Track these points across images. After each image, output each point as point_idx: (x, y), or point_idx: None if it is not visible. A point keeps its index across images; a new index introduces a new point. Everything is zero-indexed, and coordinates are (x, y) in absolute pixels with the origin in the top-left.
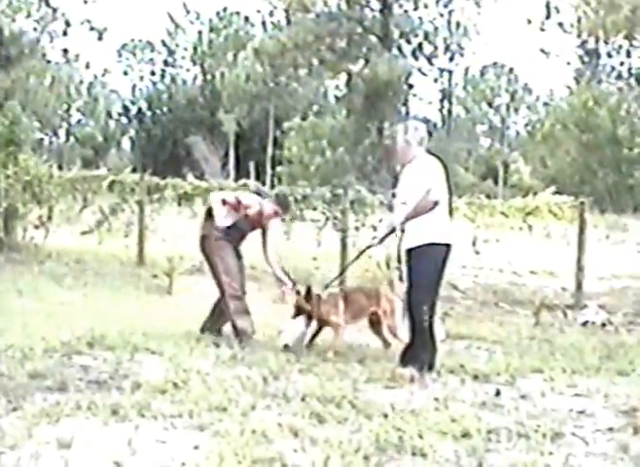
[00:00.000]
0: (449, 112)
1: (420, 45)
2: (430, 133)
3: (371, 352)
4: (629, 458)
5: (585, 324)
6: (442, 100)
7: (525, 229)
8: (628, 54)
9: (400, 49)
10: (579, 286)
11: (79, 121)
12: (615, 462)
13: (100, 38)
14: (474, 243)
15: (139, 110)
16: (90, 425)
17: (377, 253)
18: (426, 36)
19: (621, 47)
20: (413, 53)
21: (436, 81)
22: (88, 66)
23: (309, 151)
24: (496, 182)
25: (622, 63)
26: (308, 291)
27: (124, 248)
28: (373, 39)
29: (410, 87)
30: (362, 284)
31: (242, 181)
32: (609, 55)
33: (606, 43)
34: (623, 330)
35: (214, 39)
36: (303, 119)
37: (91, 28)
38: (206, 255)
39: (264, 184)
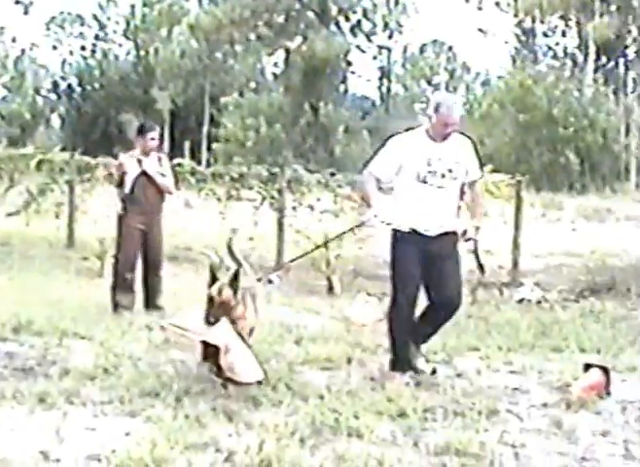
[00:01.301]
0: (388, 90)
1: (359, 22)
2: (368, 111)
3: (306, 333)
4: (562, 433)
5: (520, 301)
6: (380, 78)
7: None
8: (564, 34)
9: (338, 25)
10: (515, 264)
11: (4, 97)
12: (548, 437)
13: (26, 12)
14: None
15: (69, 86)
16: (16, 414)
17: (315, 233)
18: (365, 13)
19: (556, 27)
20: (352, 31)
21: (374, 58)
22: (14, 40)
23: (246, 128)
24: None
25: (557, 43)
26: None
27: (54, 230)
28: (312, 15)
29: (349, 64)
30: (300, 266)
31: (177, 160)
32: (545, 35)
33: (542, 22)
34: (558, 307)
35: (147, 13)
36: (240, 96)
37: (17, 1)
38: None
39: (199, 163)
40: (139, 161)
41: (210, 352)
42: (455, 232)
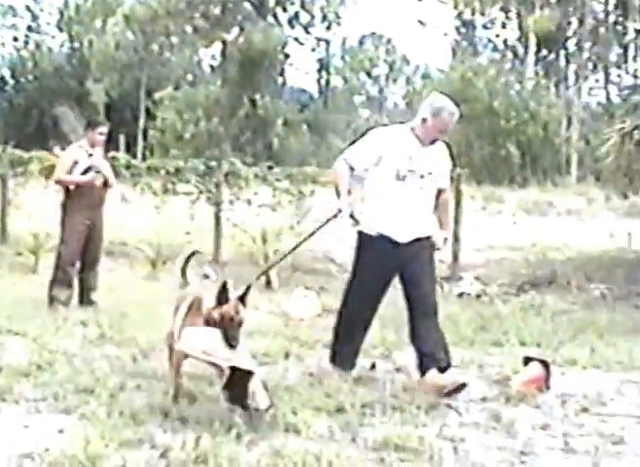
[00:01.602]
0: (327, 82)
1: (297, 13)
2: (307, 104)
3: (244, 328)
4: (502, 427)
5: (460, 295)
6: (319, 70)
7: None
8: (504, 27)
9: (276, 17)
10: (455, 258)
11: None
12: (487, 431)
13: None
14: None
15: (1, 78)
16: None
17: (253, 227)
18: (302, 4)
19: (496, 19)
20: (290, 22)
21: (313, 50)
22: None
23: (183, 122)
24: None
25: (497, 36)
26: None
27: None
28: (249, 7)
29: (287, 56)
30: (238, 260)
31: (112, 153)
32: (485, 27)
33: (482, 14)
34: (499, 301)
35: (81, 4)
36: (177, 89)
37: None
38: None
39: (134, 156)
40: (90, 155)
41: (235, 378)
42: (429, 237)
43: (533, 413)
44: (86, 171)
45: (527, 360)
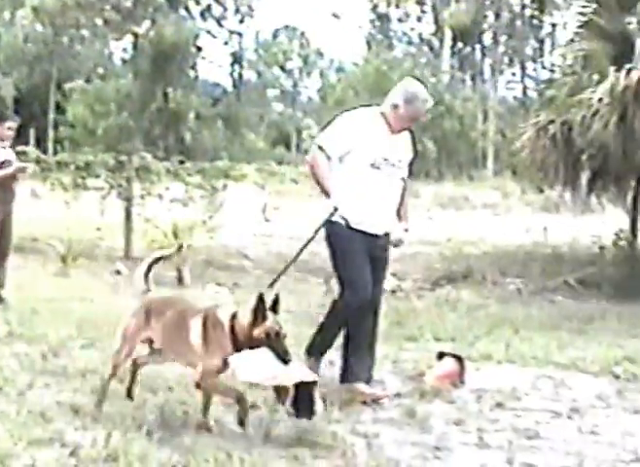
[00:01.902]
0: (240, 76)
1: (209, 6)
2: (220, 98)
3: None
4: (416, 423)
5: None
6: (232, 64)
7: (316, 196)
8: (419, 20)
9: (188, 10)
10: None
11: None
12: (401, 428)
13: None
14: (264, 211)
15: None
16: None
17: (164, 223)
18: None
19: (411, 12)
20: (202, 15)
21: (226, 44)
22: None
23: (94, 115)
24: (288, 148)
25: (412, 29)
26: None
27: None
28: None
29: (199, 49)
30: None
31: (21, 148)
32: (400, 21)
33: (397, 7)
34: (414, 296)
35: None
36: (87, 82)
37: None
38: None
39: (45, 151)
40: (3, 148)
41: (300, 392)
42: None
43: (447, 408)
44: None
45: (441, 355)
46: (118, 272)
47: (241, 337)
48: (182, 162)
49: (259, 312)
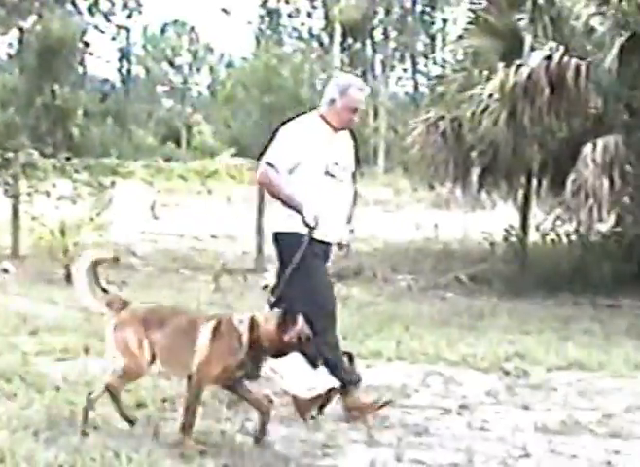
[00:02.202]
0: (129, 71)
1: (97, 1)
2: (108, 94)
3: (42, 324)
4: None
5: (265, 288)
6: (120, 59)
7: (205, 192)
8: (309, 15)
9: (75, 4)
10: (259, 250)
11: None
12: (291, 425)
13: None
14: (152, 208)
15: None
16: None
17: (52, 220)
18: None
19: (301, 7)
20: (90, 10)
21: (113, 39)
22: None
23: None
24: (179, 144)
25: (302, 24)
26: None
27: None
28: None
29: (87, 44)
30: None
31: None
32: (290, 16)
33: (287, 3)
34: None
35: None
36: None
37: None
38: None
39: None
40: None
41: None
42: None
43: (336, 406)
44: None
45: None
46: (5, 271)
47: (266, 342)
48: (69, 159)
49: (289, 316)
